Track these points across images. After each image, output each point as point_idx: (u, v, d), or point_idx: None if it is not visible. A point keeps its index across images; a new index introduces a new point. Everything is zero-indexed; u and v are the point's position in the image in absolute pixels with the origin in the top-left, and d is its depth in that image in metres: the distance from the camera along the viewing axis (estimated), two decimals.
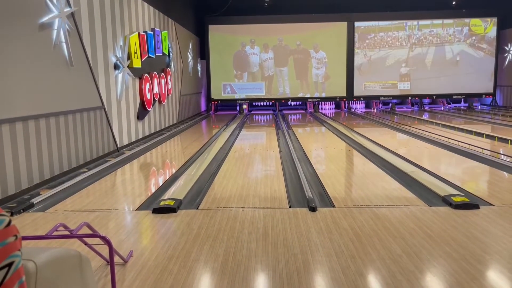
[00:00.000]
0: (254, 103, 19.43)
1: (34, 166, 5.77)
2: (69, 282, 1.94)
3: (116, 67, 8.81)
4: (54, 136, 6.26)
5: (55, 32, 6.39)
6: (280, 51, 18.78)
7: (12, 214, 4.67)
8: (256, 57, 18.83)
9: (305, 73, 18.91)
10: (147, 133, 10.84)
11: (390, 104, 19.17)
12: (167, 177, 6.56)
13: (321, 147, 9.07)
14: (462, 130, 11.07)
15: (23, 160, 5.53)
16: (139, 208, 4.89)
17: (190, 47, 16.81)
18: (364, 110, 19.24)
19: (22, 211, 4.77)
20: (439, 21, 18.78)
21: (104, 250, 3.08)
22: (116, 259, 3.22)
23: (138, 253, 3.57)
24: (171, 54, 13.10)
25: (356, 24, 18.75)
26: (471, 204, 4.68)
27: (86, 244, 3.24)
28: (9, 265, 0.69)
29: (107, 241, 2.62)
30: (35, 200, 5.11)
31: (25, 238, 3.66)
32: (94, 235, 2.68)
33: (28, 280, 1.68)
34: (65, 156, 6.60)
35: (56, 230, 3.83)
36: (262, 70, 18.86)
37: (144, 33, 10.58)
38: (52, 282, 1.79)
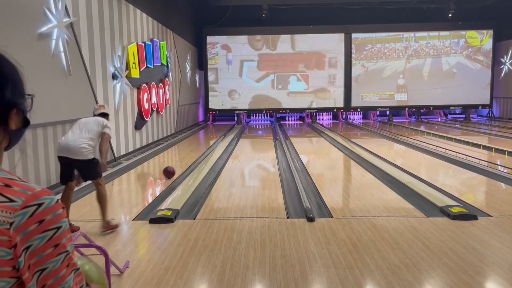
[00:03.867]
0: (252, 115, 19.48)
1: (31, 176, 5.74)
2: None
3: (114, 77, 8.83)
4: (51, 145, 6.24)
5: (53, 42, 6.41)
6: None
7: None
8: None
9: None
10: (144, 143, 10.83)
11: (388, 115, 19.25)
12: (164, 187, 6.53)
13: (319, 157, 9.07)
14: (459, 141, 11.11)
15: (20, 170, 5.50)
16: (136, 218, 4.86)
17: (188, 57, 16.88)
18: (361, 121, 19.30)
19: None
20: (435, 33, 18.94)
21: (100, 260, 3.05)
22: (112, 269, 3.19)
23: (135, 264, 3.54)
24: (169, 64, 13.14)
25: (353, 35, 18.89)
26: (469, 215, 4.67)
27: (82, 254, 3.21)
28: (58, 228, 0.83)
29: (103, 251, 2.60)
30: None
31: None
32: (90, 245, 2.66)
33: None
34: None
35: None
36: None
37: (143, 44, 10.62)
38: None
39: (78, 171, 4.51)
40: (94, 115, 4.82)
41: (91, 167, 4.49)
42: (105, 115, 4.86)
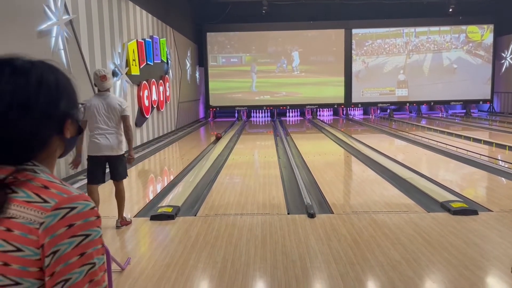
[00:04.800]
0: (252, 111, 19.47)
1: None
2: None
3: (114, 74, 8.82)
4: None
5: (53, 40, 6.40)
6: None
7: None
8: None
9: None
10: (145, 140, 10.83)
11: (388, 111, 19.23)
12: (165, 184, 6.54)
13: (320, 153, 9.07)
14: (460, 136, 11.09)
15: None
16: (137, 215, 4.87)
17: (189, 54, 16.86)
18: (362, 116, 19.28)
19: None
20: (436, 28, 18.89)
21: None
22: (114, 266, 3.20)
23: (136, 261, 3.54)
24: (169, 61, 13.13)
25: (354, 31, 18.85)
26: (470, 210, 4.67)
27: None
28: (87, 235, 0.80)
29: (104, 248, 2.60)
30: None
31: None
32: None
33: None
34: (62, 164, 6.59)
35: None
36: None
37: (143, 41, 10.60)
38: None
39: (110, 169, 4.31)
40: (100, 91, 4.37)
41: (122, 164, 4.30)
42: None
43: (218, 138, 11.39)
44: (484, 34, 18.79)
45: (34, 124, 0.85)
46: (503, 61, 18.37)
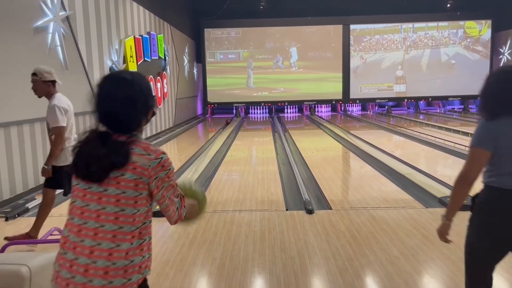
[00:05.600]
0: (250, 108, 19.44)
1: (29, 171, 5.73)
2: None
3: (111, 70, 8.79)
4: (49, 140, 6.22)
5: (50, 36, 6.36)
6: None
7: (7, 219, 4.64)
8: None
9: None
10: (143, 137, 10.76)
11: (386, 107, 19.23)
12: None
13: (318, 149, 9.07)
14: (458, 131, 11.10)
15: (18, 165, 5.49)
16: None
17: (186, 50, 16.81)
18: (360, 112, 19.28)
19: (17, 215, 4.73)
20: (434, 24, 18.87)
21: None
22: None
23: None
24: (167, 58, 13.09)
25: (352, 27, 18.81)
26: (468, 205, 4.66)
27: None
28: (169, 169, 1.54)
29: None
30: (30, 205, 5.08)
31: (20, 242, 3.63)
32: None
33: (22, 285, 1.67)
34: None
35: (51, 235, 3.80)
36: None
37: (140, 37, 10.56)
38: (46, 287, 1.77)
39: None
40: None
41: None
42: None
43: (227, 123, 13.63)
44: (482, 29, 18.78)
45: (137, 113, 1.53)
46: (501, 56, 18.38)
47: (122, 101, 1.47)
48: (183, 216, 1.59)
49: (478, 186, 2.25)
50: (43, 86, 3.80)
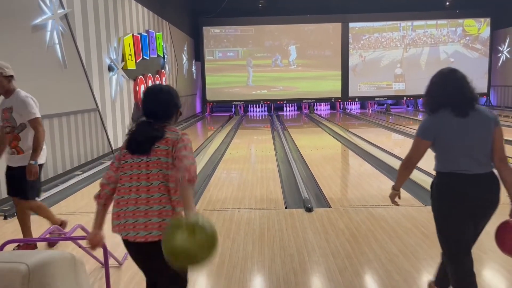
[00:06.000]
0: (249, 106, 19.42)
1: None
2: (63, 284, 1.92)
3: (110, 69, 8.77)
4: (48, 138, 6.21)
5: (48, 34, 6.35)
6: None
7: (5, 217, 4.64)
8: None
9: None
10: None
11: (385, 105, 19.23)
12: None
13: (317, 147, 9.07)
14: None
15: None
16: None
17: (185, 48, 16.78)
18: (359, 110, 19.28)
19: (15, 214, 4.72)
20: (433, 22, 18.86)
21: (99, 252, 3.05)
22: (111, 261, 3.19)
23: None
24: (165, 56, 13.07)
25: (351, 25, 18.80)
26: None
27: (80, 246, 3.21)
28: (188, 143, 2.12)
29: None
30: None
31: (19, 240, 3.62)
32: None
33: (21, 283, 1.66)
34: (59, 159, 6.56)
35: (50, 233, 3.79)
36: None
37: (139, 35, 10.54)
38: (45, 285, 1.76)
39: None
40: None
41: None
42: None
43: (230, 117, 14.87)
44: (481, 27, 18.78)
45: (172, 111, 2.20)
46: (500, 54, 18.38)
47: (161, 103, 2.17)
48: (195, 179, 1.96)
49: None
50: (4, 82, 3.53)
